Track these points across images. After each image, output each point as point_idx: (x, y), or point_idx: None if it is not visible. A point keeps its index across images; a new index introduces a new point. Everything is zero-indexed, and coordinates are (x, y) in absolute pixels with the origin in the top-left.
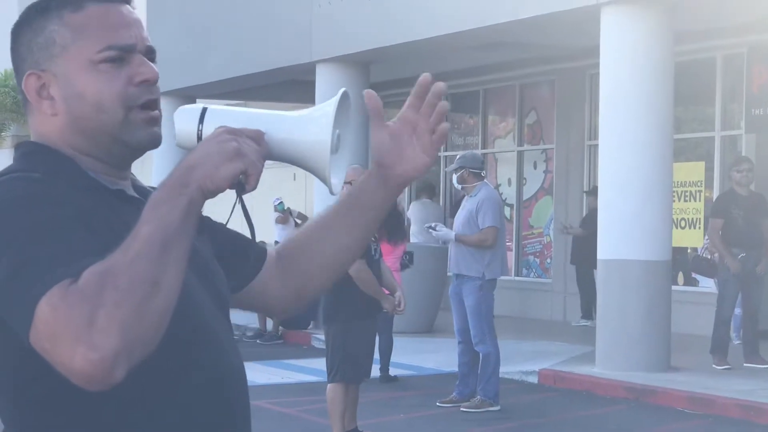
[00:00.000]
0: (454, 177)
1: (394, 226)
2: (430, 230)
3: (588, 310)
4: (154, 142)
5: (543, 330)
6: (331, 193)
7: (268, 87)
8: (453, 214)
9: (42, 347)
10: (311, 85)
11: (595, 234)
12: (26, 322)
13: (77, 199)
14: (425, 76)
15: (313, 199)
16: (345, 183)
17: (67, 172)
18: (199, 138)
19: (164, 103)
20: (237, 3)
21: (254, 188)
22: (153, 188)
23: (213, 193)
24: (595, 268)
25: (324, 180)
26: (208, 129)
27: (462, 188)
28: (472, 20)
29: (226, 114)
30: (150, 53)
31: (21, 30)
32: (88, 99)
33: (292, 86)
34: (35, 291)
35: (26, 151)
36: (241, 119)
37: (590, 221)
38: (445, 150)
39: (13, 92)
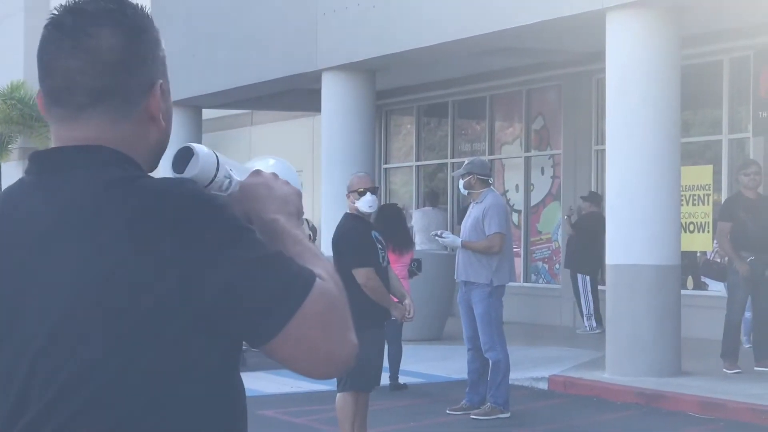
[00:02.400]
0: (461, 183)
1: (399, 235)
2: (437, 237)
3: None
4: None
5: (552, 336)
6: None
7: (273, 96)
8: (459, 221)
9: (305, 335)
10: (317, 93)
11: (585, 239)
12: (289, 311)
13: None
14: None
15: (321, 206)
16: (352, 192)
17: None
18: (213, 180)
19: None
20: (242, 12)
21: None
22: None
23: None
24: (582, 272)
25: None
26: (221, 172)
27: (468, 194)
28: (477, 26)
29: (224, 160)
30: None
31: (144, 36)
32: (171, 116)
33: (297, 95)
34: (306, 283)
35: (121, 157)
36: (234, 166)
37: (581, 225)
38: (452, 156)
39: (20, 105)
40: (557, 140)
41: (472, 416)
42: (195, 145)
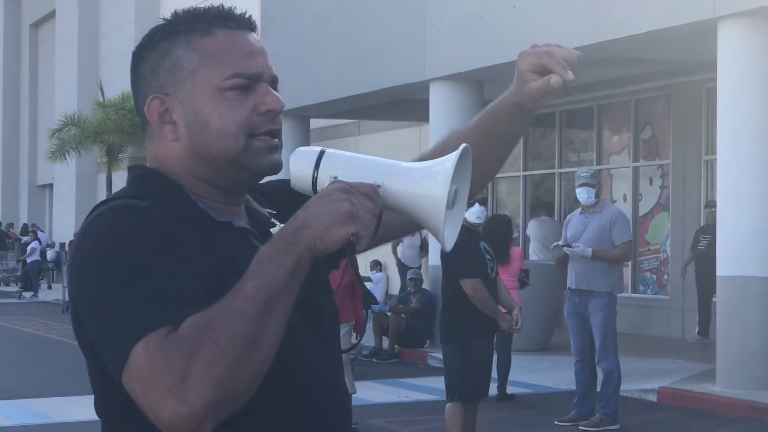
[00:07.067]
0: (589, 192)
1: (498, 246)
2: (565, 248)
3: (705, 327)
4: (275, 169)
5: (661, 347)
6: (445, 250)
7: (380, 106)
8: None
9: (132, 389)
10: (425, 103)
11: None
12: (120, 361)
13: (180, 234)
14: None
15: None
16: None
17: (174, 201)
18: (314, 184)
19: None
20: (350, 23)
21: (365, 250)
22: (270, 212)
23: (322, 253)
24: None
25: (436, 235)
26: (323, 175)
27: (593, 204)
28: (586, 37)
29: (342, 160)
30: (274, 83)
31: (145, 52)
32: (212, 126)
33: (405, 105)
34: (132, 333)
35: (137, 175)
36: (358, 167)
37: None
38: (560, 166)
39: (131, 114)
40: (666, 150)
41: (581, 428)
42: (296, 151)
